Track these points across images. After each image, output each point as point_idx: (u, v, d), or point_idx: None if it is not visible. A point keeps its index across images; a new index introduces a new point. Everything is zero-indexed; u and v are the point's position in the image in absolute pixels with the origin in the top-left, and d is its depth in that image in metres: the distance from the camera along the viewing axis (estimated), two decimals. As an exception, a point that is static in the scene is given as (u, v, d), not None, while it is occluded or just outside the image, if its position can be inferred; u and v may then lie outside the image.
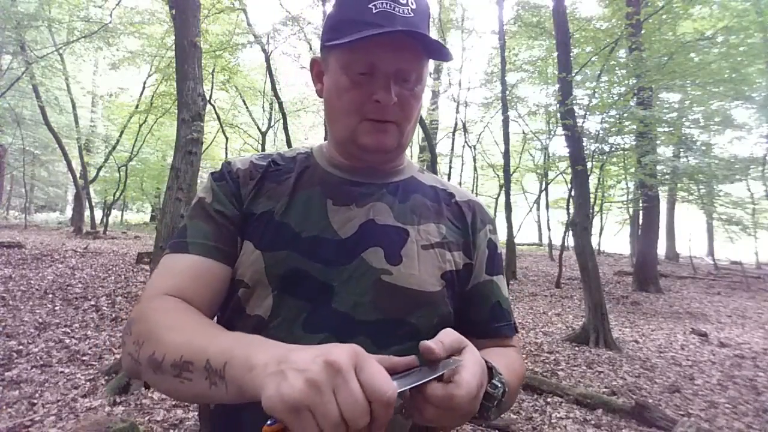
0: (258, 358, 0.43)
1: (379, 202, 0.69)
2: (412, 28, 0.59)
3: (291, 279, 0.62)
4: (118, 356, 3.50)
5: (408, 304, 0.64)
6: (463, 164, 17.66)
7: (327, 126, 0.72)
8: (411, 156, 17.80)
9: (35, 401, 2.76)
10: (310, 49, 10.79)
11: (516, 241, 10.49)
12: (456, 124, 14.53)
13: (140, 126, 12.46)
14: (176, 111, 4.62)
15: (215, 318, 0.67)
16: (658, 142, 8.47)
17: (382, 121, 0.64)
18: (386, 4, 0.60)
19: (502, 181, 12.28)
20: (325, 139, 0.78)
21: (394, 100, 0.62)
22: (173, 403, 2.81)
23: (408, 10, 0.61)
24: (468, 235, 0.73)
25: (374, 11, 0.59)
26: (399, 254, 0.65)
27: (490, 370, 0.54)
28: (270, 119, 14.00)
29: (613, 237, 17.65)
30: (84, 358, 3.52)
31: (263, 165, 0.71)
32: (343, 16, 0.63)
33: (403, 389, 0.41)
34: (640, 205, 9.79)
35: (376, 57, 0.61)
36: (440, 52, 0.62)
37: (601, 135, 7.42)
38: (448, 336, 0.49)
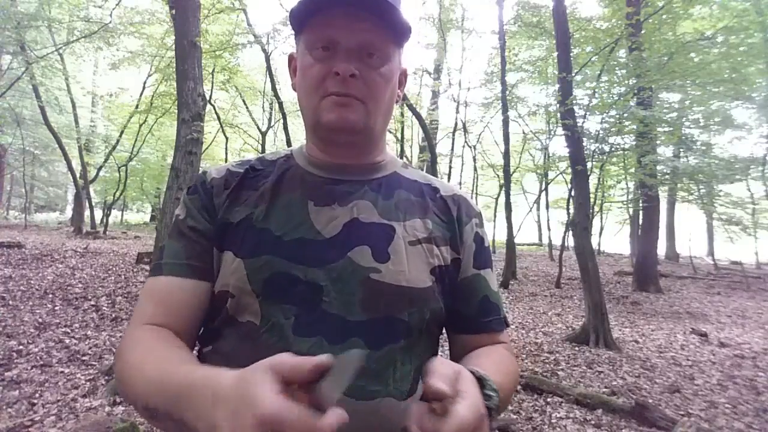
0: (207, 418, 0.43)
1: (362, 200, 0.67)
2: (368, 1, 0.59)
3: (275, 284, 0.60)
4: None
5: (399, 302, 0.62)
6: (463, 164, 17.65)
7: (302, 116, 0.71)
8: (411, 156, 17.81)
9: (35, 401, 2.76)
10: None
11: (516, 241, 10.48)
12: (456, 124, 14.52)
13: (140, 126, 12.46)
14: (176, 111, 4.62)
15: (203, 328, 0.67)
16: (658, 142, 8.47)
17: (345, 95, 0.62)
18: None
19: (502, 181, 12.27)
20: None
21: (353, 71, 0.61)
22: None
23: None
24: (454, 229, 0.71)
25: None
26: (386, 252, 0.64)
27: (480, 380, 0.52)
28: (270, 119, 14.00)
29: (613, 237, 17.65)
30: (84, 358, 3.52)
31: (240, 172, 0.70)
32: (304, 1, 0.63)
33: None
34: (640, 205, 9.78)
35: (334, 30, 0.61)
36: (394, 22, 0.62)
37: (601, 135, 7.42)
38: (444, 367, 0.48)
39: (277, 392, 0.38)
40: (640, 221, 10.37)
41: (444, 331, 0.75)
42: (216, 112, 12.08)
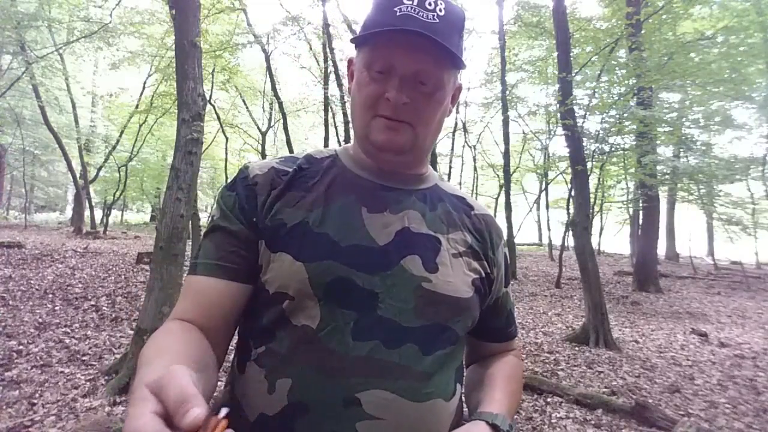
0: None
1: (411, 210, 0.70)
2: (430, 32, 0.60)
3: (336, 288, 0.62)
4: (118, 356, 3.50)
5: (448, 311, 0.66)
6: (463, 164, 17.64)
7: (351, 123, 0.73)
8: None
9: (35, 401, 2.76)
10: (310, 49, 10.79)
11: (516, 241, 10.49)
12: (456, 124, 14.51)
13: (140, 126, 12.44)
14: (176, 111, 4.62)
15: (240, 331, 0.68)
16: (658, 142, 8.47)
17: (395, 119, 0.65)
18: (411, 8, 0.61)
19: (502, 181, 12.28)
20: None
21: (405, 100, 0.63)
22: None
23: (433, 16, 0.62)
24: (488, 249, 0.75)
25: (398, 14, 0.61)
26: (435, 262, 0.67)
27: (494, 427, 0.62)
28: (270, 119, 14.00)
29: (613, 237, 17.65)
30: (84, 358, 3.52)
31: (288, 171, 0.70)
32: (372, 17, 0.65)
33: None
34: (640, 205, 9.78)
35: (393, 57, 0.63)
36: (451, 58, 0.64)
37: (601, 135, 7.42)
38: None
39: (150, 411, 0.37)
40: (640, 221, 10.37)
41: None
42: (216, 112, 12.06)
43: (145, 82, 12.41)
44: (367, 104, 0.66)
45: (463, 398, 0.74)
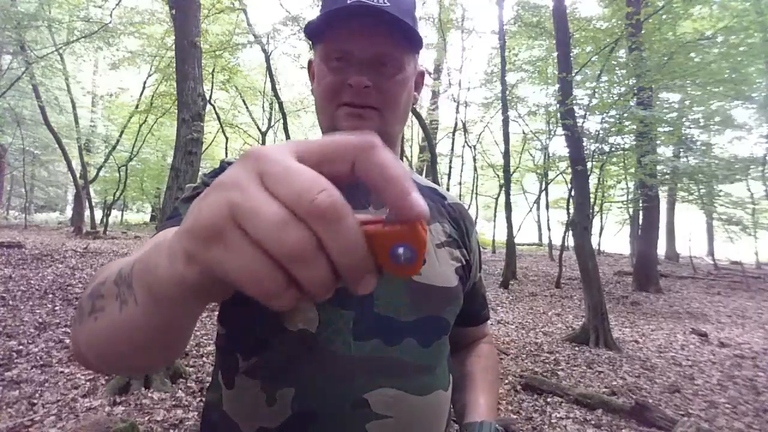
0: (167, 239, 0.29)
1: None
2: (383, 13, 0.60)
3: None
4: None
5: (439, 301, 0.67)
6: (463, 164, 17.67)
7: (318, 120, 0.72)
8: (411, 156, 17.80)
9: (35, 401, 2.76)
10: (310, 49, 10.77)
11: (516, 241, 10.47)
12: (456, 124, 14.52)
13: (140, 126, 12.46)
14: (176, 111, 4.62)
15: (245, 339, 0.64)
16: (658, 142, 8.47)
17: (360, 106, 0.63)
18: None
19: (502, 181, 12.26)
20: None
21: (367, 83, 0.62)
22: (173, 403, 2.81)
23: (383, 0, 0.61)
24: (464, 237, 0.77)
25: (348, 1, 0.61)
26: None
27: None
28: (270, 119, 14.00)
29: (613, 237, 17.65)
30: (84, 358, 3.52)
31: None
32: (323, 11, 0.65)
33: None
34: (640, 205, 9.78)
35: (350, 43, 0.63)
36: (407, 38, 0.63)
37: (601, 135, 7.42)
38: None
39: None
40: (640, 221, 10.37)
41: None
42: (216, 112, 12.08)
43: (145, 82, 12.43)
44: (329, 95, 0.65)
45: None
